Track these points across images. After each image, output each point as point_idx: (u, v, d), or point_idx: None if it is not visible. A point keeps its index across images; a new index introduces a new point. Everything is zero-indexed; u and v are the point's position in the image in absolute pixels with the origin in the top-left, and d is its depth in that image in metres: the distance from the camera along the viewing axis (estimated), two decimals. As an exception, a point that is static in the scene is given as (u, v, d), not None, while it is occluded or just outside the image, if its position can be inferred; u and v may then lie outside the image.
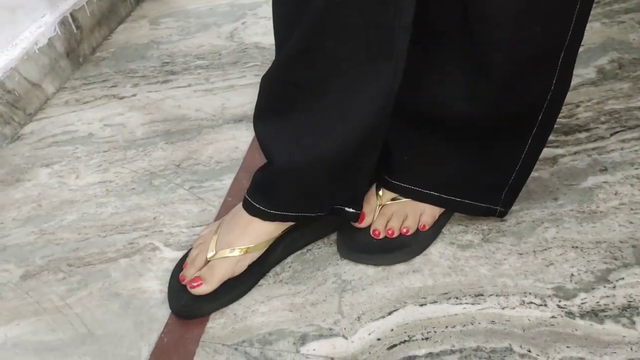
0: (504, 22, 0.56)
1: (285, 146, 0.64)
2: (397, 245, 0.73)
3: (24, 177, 0.93)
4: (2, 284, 0.76)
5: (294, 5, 0.57)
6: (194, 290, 0.68)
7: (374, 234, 0.73)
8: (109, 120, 1.03)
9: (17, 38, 1.05)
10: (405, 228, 0.73)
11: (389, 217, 0.74)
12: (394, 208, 0.74)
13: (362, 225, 0.74)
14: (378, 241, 0.73)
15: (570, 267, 0.70)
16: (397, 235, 0.73)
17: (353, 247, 0.73)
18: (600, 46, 1.06)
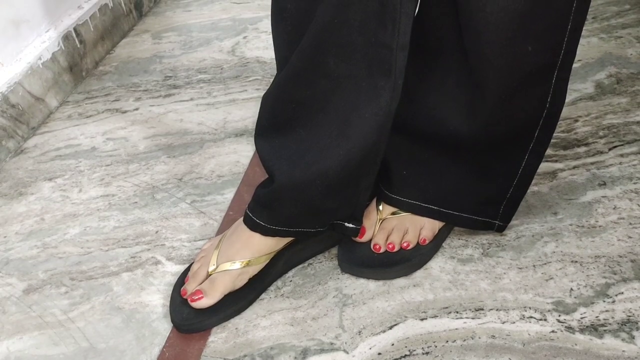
0: (497, 40, 0.57)
1: (287, 163, 0.65)
2: (398, 260, 0.73)
3: (27, 190, 0.94)
4: (5, 298, 0.76)
5: (292, 25, 0.58)
6: (195, 303, 0.69)
7: (375, 248, 0.74)
8: (111, 134, 1.04)
9: (21, 53, 1.07)
10: (406, 242, 0.74)
11: (390, 231, 0.74)
12: (394, 222, 0.74)
13: (362, 239, 0.74)
14: (379, 255, 0.74)
15: (569, 281, 0.71)
16: (397, 250, 0.74)
17: (354, 261, 0.74)
18: (598, 61, 1.07)
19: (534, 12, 0.55)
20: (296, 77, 0.59)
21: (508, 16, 0.55)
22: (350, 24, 0.55)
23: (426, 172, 0.73)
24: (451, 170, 0.71)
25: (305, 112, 0.61)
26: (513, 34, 0.57)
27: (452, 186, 0.73)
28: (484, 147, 0.68)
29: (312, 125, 0.62)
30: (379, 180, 0.75)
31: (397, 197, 0.75)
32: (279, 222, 0.69)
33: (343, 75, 0.58)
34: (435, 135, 0.68)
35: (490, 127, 0.65)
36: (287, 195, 0.66)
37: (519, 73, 0.60)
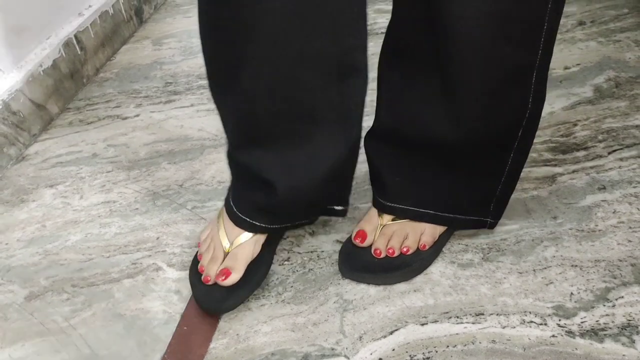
0: (477, 44, 0.58)
1: (285, 171, 0.65)
2: (399, 265, 0.73)
3: (29, 197, 0.94)
4: (7, 305, 0.77)
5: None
6: (226, 281, 0.71)
7: (375, 253, 0.74)
8: (112, 141, 1.05)
9: (22, 60, 1.07)
10: (406, 247, 0.74)
11: (390, 236, 0.74)
12: (395, 228, 0.75)
13: (363, 244, 0.75)
14: (379, 260, 0.74)
15: (569, 285, 0.71)
16: (397, 255, 0.74)
17: (355, 266, 0.74)
18: (596, 65, 1.07)
19: (511, 14, 0.56)
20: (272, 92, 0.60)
21: (488, 19, 0.56)
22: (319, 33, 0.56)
23: (418, 178, 0.73)
24: (441, 174, 0.72)
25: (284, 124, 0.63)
26: (493, 36, 0.57)
27: (444, 190, 0.73)
28: (470, 150, 0.68)
29: (297, 134, 0.63)
30: (374, 190, 0.77)
31: (392, 205, 0.75)
32: (281, 221, 0.72)
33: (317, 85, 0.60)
34: (422, 141, 0.69)
35: (474, 130, 0.65)
36: (291, 200, 0.68)
37: (499, 75, 0.61)
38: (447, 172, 0.71)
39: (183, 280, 0.77)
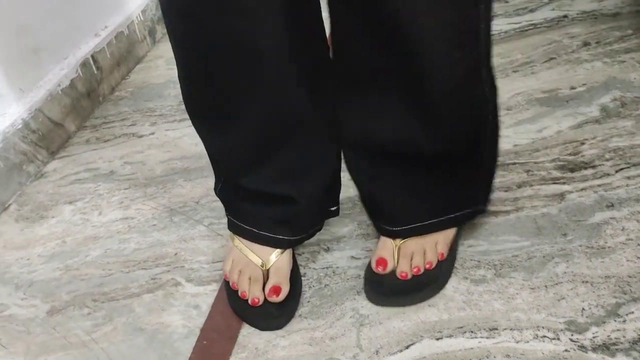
0: (429, 54, 0.60)
1: (297, 182, 0.71)
2: (426, 282, 0.75)
3: (48, 214, 0.96)
4: (30, 319, 0.78)
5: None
6: (279, 297, 0.73)
7: (402, 276, 0.74)
8: (129, 158, 1.07)
9: (41, 80, 1.10)
10: (428, 263, 0.75)
11: (411, 256, 0.76)
12: (412, 247, 0.76)
13: (386, 271, 0.75)
14: (408, 282, 0.74)
15: (581, 301, 0.72)
16: (422, 272, 0.75)
17: (386, 292, 0.74)
18: (602, 85, 1.10)
19: (456, 19, 0.59)
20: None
21: (439, 26, 0.59)
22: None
23: (414, 194, 0.75)
24: (432, 183, 0.74)
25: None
26: (445, 45, 0.60)
27: (437, 195, 0.75)
28: (447, 152, 0.70)
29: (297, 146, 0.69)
30: (372, 216, 0.79)
31: (400, 229, 0.76)
32: (302, 230, 0.77)
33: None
34: (406, 156, 0.71)
35: (445, 133, 0.67)
36: (310, 205, 0.74)
37: (455, 79, 0.63)
38: (437, 178, 0.73)
39: (201, 295, 0.79)
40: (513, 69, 1.18)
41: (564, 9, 1.37)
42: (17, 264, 0.87)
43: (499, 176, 0.92)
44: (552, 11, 1.37)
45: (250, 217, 0.76)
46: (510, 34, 1.31)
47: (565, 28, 1.30)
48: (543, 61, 1.19)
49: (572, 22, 1.31)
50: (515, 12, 1.38)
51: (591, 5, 1.37)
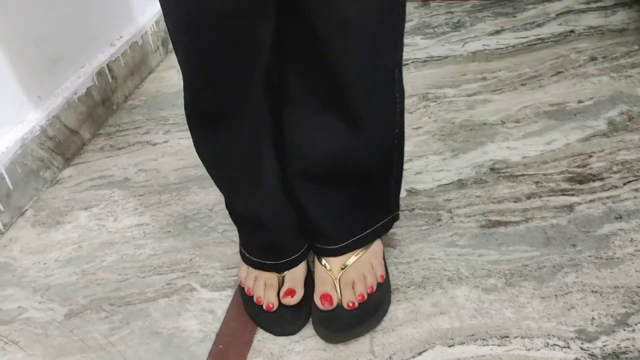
0: (353, 65, 0.63)
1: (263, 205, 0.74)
2: (374, 306, 0.75)
3: (64, 219, 0.98)
4: (48, 322, 0.80)
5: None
6: (293, 299, 0.74)
7: (349, 306, 0.73)
8: (143, 166, 1.09)
9: (58, 87, 1.12)
10: (370, 287, 0.75)
11: (352, 284, 0.75)
12: (351, 275, 0.76)
13: (333, 306, 0.73)
14: (356, 311, 0.73)
15: (591, 310, 0.74)
16: (367, 298, 0.75)
17: (339, 328, 0.73)
18: (609, 99, 1.12)
19: (382, 21, 0.62)
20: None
21: (364, 37, 0.61)
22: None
23: (351, 209, 0.76)
24: (365, 193, 0.75)
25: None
26: (372, 54, 0.63)
27: (370, 205, 0.77)
28: (374, 160, 0.72)
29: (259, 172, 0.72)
30: (318, 241, 0.77)
31: (341, 245, 0.76)
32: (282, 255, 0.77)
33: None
34: (342, 172, 0.72)
35: (373, 140, 0.70)
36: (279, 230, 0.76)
37: (375, 83, 0.66)
38: (366, 189, 0.75)
39: (216, 301, 0.80)
40: (521, 82, 1.20)
41: (570, 24, 1.39)
42: (34, 268, 0.89)
43: (508, 187, 0.94)
44: (560, 26, 1.39)
45: (241, 239, 0.80)
46: (518, 48, 1.33)
47: (572, 43, 1.32)
48: (551, 75, 1.21)
49: (579, 37, 1.33)
50: (523, 27, 1.41)
51: (598, 20, 1.39)
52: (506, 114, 1.11)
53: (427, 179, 0.98)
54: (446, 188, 0.95)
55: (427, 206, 0.92)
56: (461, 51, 1.34)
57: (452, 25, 1.45)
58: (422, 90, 1.21)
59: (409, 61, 1.31)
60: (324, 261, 0.77)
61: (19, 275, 0.88)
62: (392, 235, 0.87)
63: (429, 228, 0.88)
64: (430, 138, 1.07)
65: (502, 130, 1.07)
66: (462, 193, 0.94)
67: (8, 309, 0.82)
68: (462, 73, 1.26)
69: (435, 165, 1.01)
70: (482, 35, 1.39)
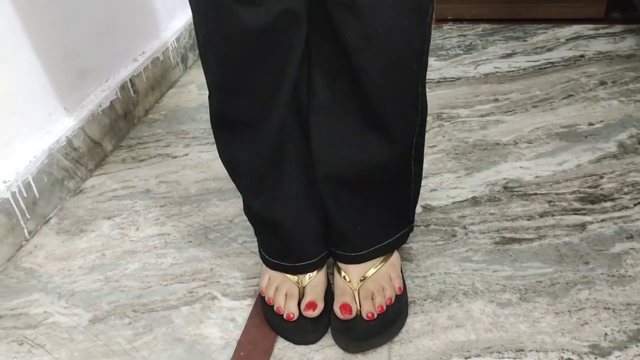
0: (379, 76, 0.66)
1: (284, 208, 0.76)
2: (393, 317, 0.76)
3: (88, 228, 1.00)
4: (73, 327, 0.82)
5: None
6: (315, 312, 0.76)
7: (369, 317, 0.75)
8: (164, 178, 1.12)
9: (84, 100, 1.16)
10: (389, 299, 0.77)
11: (371, 296, 0.77)
12: (370, 286, 0.77)
13: (351, 315, 0.75)
14: (375, 322, 0.75)
15: (604, 326, 0.76)
16: (385, 309, 0.76)
17: (359, 337, 0.74)
18: (619, 122, 1.15)
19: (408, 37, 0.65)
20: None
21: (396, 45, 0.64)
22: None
23: (373, 218, 0.78)
24: (386, 202, 0.78)
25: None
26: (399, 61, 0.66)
27: (389, 215, 0.79)
28: (397, 166, 0.75)
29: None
30: (339, 247, 0.79)
31: (363, 253, 0.78)
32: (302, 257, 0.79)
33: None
34: (366, 178, 0.75)
35: (395, 148, 0.73)
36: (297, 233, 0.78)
37: (404, 97, 0.70)
38: (387, 195, 0.77)
39: (237, 309, 0.83)
40: (533, 104, 1.23)
41: (580, 49, 1.43)
42: (59, 274, 0.91)
43: (522, 205, 0.96)
44: (569, 51, 1.43)
45: (259, 241, 0.82)
46: (529, 71, 1.36)
47: (582, 67, 1.35)
48: (561, 98, 1.25)
49: (588, 62, 1.37)
50: (534, 51, 1.44)
51: (607, 46, 1.43)
52: (518, 134, 1.14)
53: (441, 196, 1.00)
54: (461, 205, 0.98)
55: (442, 222, 0.95)
56: (473, 73, 1.37)
57: (465, 47, 1.49)
58: (436, 110, 1.24)
59: (423, 82, 1.35)
60: (343, 273, 0.79)
61: (45, 281, 0.90)
62: (408, 250, 0.90)
63: (444, 243, 0.91)
64: (444, 156, 1.10)
65: (514, 150, 1.10)
66: (476, 210, 0.96)
67: (34, 314, 0.84)
68: (475, 94, 1.29)
69: (449, 182, 1.03)
70: (494, 58, 1.43)
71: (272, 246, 0.80)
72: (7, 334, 0.81)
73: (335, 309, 0.76)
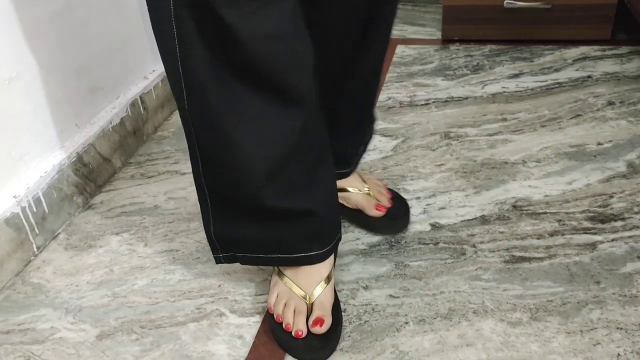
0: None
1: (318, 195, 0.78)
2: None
3: (96, 243, 1.01)
4: (80, 343, 0.81)
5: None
6: (322, 328, 0.76)
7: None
8: (172, 194, 1.12)
9: (95, 117, 1.17)
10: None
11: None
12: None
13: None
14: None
15: (616, 347, 0.75)
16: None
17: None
18: (628, 142, 1.15)
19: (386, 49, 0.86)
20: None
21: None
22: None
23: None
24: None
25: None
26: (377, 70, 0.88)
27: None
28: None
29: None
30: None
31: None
32: (331, 238, 0.81)
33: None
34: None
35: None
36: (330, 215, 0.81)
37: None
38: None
39: (245, 326, 0.82)
40: (541, 123, 1.24)
41: (587, 70, 1.43)
42: (66, 289, 0.91)
43: (531, 224, 0.96)
44: (577, 71, 1.43)
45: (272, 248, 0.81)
46: (537, 91, 1.37)
47: (589, 88, 1.36)
48: (570, 117, 1.25)
49: (596, 82, 1.37)
50: (541, 71, 1.45)
51: (614, 67, 1.44)
52: (527, 153, 1.14)
53: (450, 214, 1.00)
54: (470, 223, 0.98)
55: (451, 240, 0.94)
56: (481, 92, 1.38)
57: (472, 67, 1.50)
58: (444, 129, 1.24)
59: (430, 101, 1.35)
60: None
61: (52, 297, 0.90)
62: (417, 268, 0.89)
63: (453, 262, 0.90)
64: (452, 175, 1.10)
65: (523, 169, 1.10)
66: (485, 229, 0.96)
67: (41, 329, 0.84)
68: (483, 113, 1.29)
69: (458, 201, 1.03)
70: (501, 78, 1.44)
71: (300, 234, 0.79)
72: (14, 349, 0.81)
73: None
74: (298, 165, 0.74)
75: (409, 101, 1.36)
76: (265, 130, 0.70)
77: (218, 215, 0.80)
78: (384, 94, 1.40)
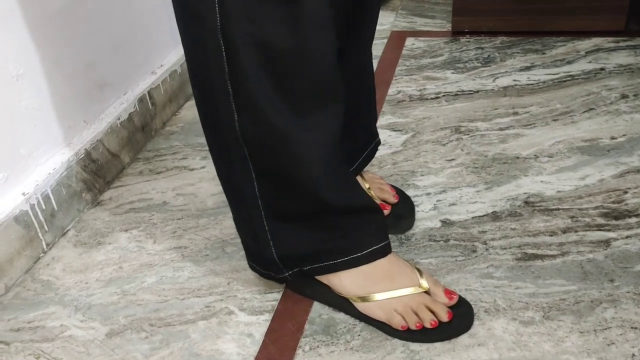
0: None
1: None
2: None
3: (105, 240, 1.00)
4: (89, 341, 0.81)
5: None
6: (455, 296, 0.79)
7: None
8: (181, 190, 1.12)
9: (103, 113, 1.16)
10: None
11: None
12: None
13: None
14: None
15: (631, 347, 0.73)
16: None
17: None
18: (642, 136, 1.13)
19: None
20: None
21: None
22: None
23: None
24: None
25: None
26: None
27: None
28: None
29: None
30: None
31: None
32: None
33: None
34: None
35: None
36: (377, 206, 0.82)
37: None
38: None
39: (254, 325, 0.82)
40: (553, 117, 1.22)
41: (600, 62, 1.41)
42: (76, 287, 0.91)
43: (544, 221, 0.95)
44: (589, 64, 1.41)
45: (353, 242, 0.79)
46: (549, 84, 1.35)
47: (602, 80, 1.33)
48: (582, 111, 1.23)
49: (609, 75, 1.35)
50: (553, 64, 1.43)
51: (627, 59, 1.41)
52: (539, 148, 1.13)
53: (461, 211, 0.99)
54: (481, 220, 0.96)
55: (462, 237, 0.93)
56: (492, 86, 1.36)
57: (482, 60, 1.48)
58: (454, 123, 1.23)
59: (440, 94, 1.34)
60: None
61: (62, 294, 0.90)
62: (427, 265, 0.88)
63: (464, 259, 0.89)
64: (463, 170, 1.09)
65: (535, 164, 1.08)
66: (497, 225, 0.95)
67: (51, 327, 0.84)
68: (494, 107, 1.28)
69: (469, 197, 1.02)
70: (513, 70, 1.42)
71: (370, 230, 0.79)
72: (24, 347, 0.81)
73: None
74: (342, 161, 0.77)
75: (418, 95, 1.35)
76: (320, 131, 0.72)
77: (277, 234, 0.78)
78: (394, 87, 1.39)
